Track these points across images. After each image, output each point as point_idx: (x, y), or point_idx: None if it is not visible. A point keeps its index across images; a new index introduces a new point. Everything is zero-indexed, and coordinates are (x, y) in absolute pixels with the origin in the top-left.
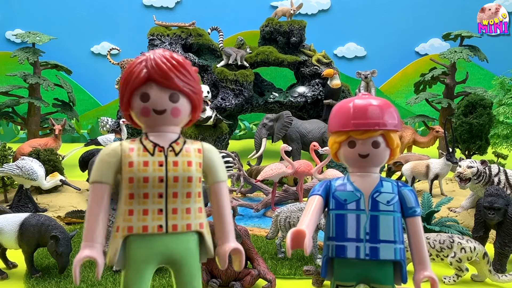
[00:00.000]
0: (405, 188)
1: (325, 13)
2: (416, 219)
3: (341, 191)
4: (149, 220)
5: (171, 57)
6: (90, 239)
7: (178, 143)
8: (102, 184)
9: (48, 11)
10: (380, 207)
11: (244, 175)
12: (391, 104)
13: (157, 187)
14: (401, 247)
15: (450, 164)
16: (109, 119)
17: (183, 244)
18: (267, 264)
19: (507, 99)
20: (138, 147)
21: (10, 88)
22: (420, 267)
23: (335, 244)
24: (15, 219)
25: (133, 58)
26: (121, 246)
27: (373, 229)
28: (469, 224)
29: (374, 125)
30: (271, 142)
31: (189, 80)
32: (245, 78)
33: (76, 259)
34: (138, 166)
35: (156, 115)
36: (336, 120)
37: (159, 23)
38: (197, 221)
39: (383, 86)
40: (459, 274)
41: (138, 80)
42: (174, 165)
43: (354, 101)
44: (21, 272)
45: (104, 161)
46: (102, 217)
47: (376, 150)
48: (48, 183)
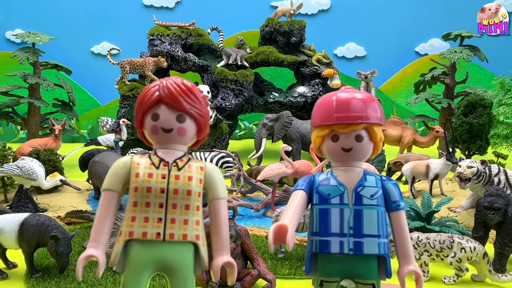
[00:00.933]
0: (389, 182)
1: (325, 13)
2: (400, 213)
3: (324, 185)
4: (149, 227)
5: (181, 83)
6: (95, 240)
7: (183, 160)
8: (112, 191)
9: (48, 11)
10: (363, 201)
11: (244, 175)
12: (374, 97)
13: (158, 197)
14: (385, 241)
15: (450, 164)
16: (109, 119)
17: (179, 252)
18: (267, 264)
19: (507, 99)
20: (146, 161)
21: (10, 88)
22: (404, 262)
23: (319, 239)
24: (15, 219)
25: (133, 58)
26: (122, 250)
27: (357, 223)
28: (469, 224)
29: (357, 118)
30: (271, 142)
31: (195, 104)
32: (245, 78)
33: (81, 257)
34: (143, 177)
35: (164, 133)
36: (318, 114)
37: (159, 23)
38: (194, 232)
39: (383, 86)
40: (459, 274)
41: (150, 102)
42: (175, 179)
43: (337, 95)
44: (21, 272)
45: (116, 172)
46: (108, 221)
47: (359, 144)
48: (48, 183)
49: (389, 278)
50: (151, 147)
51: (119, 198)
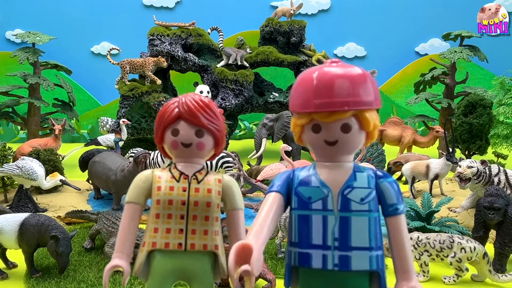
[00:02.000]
0: (385, 180)
1: (325, 13)
2: (398, 219)
3: (304, 186)
4: (171, 238)
5: (199, 99)
6: (120, 250)
7: (201, 173)
8: (134, 204)
9: (48, 11)
10: (352, 206)
11: (244, 175)
12: (365, 73)
13: (179, 209)
14: (378, 254)
15: (450, 164)
16: (109, 119)
17: (199, 262)
18: (267, 264)
19: (507, 99)
20: (166, 175)
21: (10, 88)
22: (402, 277)
23: (298, 251)
24: (15, 219)
25: (133, 58)
26: (145, 259)
27: (343, 234)
28: (469, 224)
29: (343, 104)
30: (271, 142)
31: (213, 119)
32: (245, 78)
33: (107, 268)
34: (165, 190)
35: (183, 148)
36: (296, 98)
37: (159, 23)
38: (213, 242)
39: (383, 86)
40: (459, 274)
41: (170, 118)
42: (195, 191)
43: (319, 72)
44: (21, 272)
45: (138, 185)
46: (131, 232)
47: (346, 135)
48: (48, 183)
49: None
50: (151, 148)
51: (141, 210)
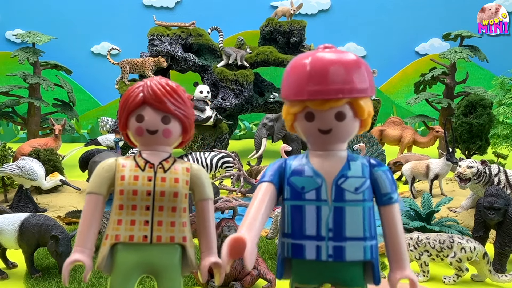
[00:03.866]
0: (379, 169)
1: (325, 13)
2: (392, 208)
3: (297, 176)
4: (136, 230)
5: (166, 84)
6: (81, 245)
7: (168, 161)
8: (97, 195)
9: (48, 11)
10: (346, 196)
11: (244, 175)
12: (361, 60)
13: (144, 200)
14: (372, 244)
15: (450, 164)
16: (109, 119)
17: (166, 255)
18: (267, 264)
19: (507, 99)
20: (131, 163)
21: (10, 88)
22: (396, 266)
23: (291, 242)
24: (15, 219)
25: (133, 58)
26: (108, 253)
27: (338, 224)
28: (469, 224)
29: (337, 92)
30: (271, 142)
31: (180, 105)
32: (245, 78)
33: (66, 262)
34: (129, 179)
35: (149, 135)
36: (288, 84)
37: (159, 23)
38: (181, 234)
39: (383, 86)
40: (459, 274)
41: (134, 103)
42: (162, 181)
43: (312, 58)
44: (21, 272)
45: (100, 175)
46: (94, 225)
47: (340, 123)
48: (48, 183)
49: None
50: None
51: (104, 201)
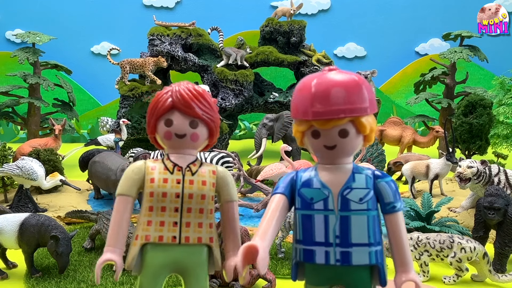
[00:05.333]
0: (382, 180)
1: (325, 13)
2: (395, 216)
3: (306, 187)
4: (165, 231)
5: (193, 89)
6: (112, 244)
7: (195, 164)
8: (127, 197)
9: (48, 11)
10: (351, 206)
11: (244, 175)
12: (361, 80)
13: (173, 202)
14: (377, 250)
15: (450, 164)
16: (109, 119)
17: (194, 255)
18: None
19: (507, 99)
20: (159, 166)
21: (10, 88)
22: (401, 269)
23: (303, 248)
24: (15, 219)
25: (133, 58)
26: (138, 253)
27: (344, 231)
28: (469, 224)
29: (339, 112)
30: (271, 142)
31: (207, 109)
32: (245, 78)
33: (99, 261)
34: (159, 182)
35: (177, 139)
36: (295, 105)
37: (159, 23)
38: (208, 235)
39: (383, 86)
40: (459, 274)
41: (163, 108)
42: (190, 183)
43: (316, 81)
44: (21, 272)
45: (130, 177)
46: (124, 226)
47: (344, 140)
48: (48, 183)
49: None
50: (151, 148)
51: (133, 203)
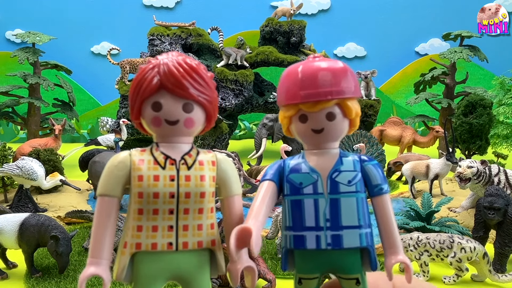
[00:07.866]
0: (369, 163)
1: (325, 13)
2: (383, 198)
3: (295, 173)
4: (159, 237)
5: (184, 62)
6: (96, 255)
7: (191, 155)
8: (110, 197)
9: (48, 11)
10: (340, 188)
11: (244, 175)
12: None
13: (167, 203)
14: (367, 232)
15: (450, 164)
16: (109, 119)
17: (194, 261)
18: (267, 264)
19: (507, 99)
20: (148, 159)
21: (10, 88)
22: (390, 251)
23: (293, 234)
24: (15, 219)
25: (133, 58)
26: (128, 263)
27: (334, 214)
28: (469, 224)
29: (326, 94)
30: (271, 142)
31: (204, 89)
32: (245, 78)
33: (82, 277)
34: (148, 181)
35: (168, 126)
36: (283, 92)
37: (159, 23)
38: (209, 238)
39: (383, 86)
40: (459, 274)
41: (149, 88)
42: (186, 180)
43: (302, 67)
44: (21, 272)
45: (112, 174)
46: (109, 232)
47: (331, 123)
48: (48, 183)
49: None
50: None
51: (119, 204)
